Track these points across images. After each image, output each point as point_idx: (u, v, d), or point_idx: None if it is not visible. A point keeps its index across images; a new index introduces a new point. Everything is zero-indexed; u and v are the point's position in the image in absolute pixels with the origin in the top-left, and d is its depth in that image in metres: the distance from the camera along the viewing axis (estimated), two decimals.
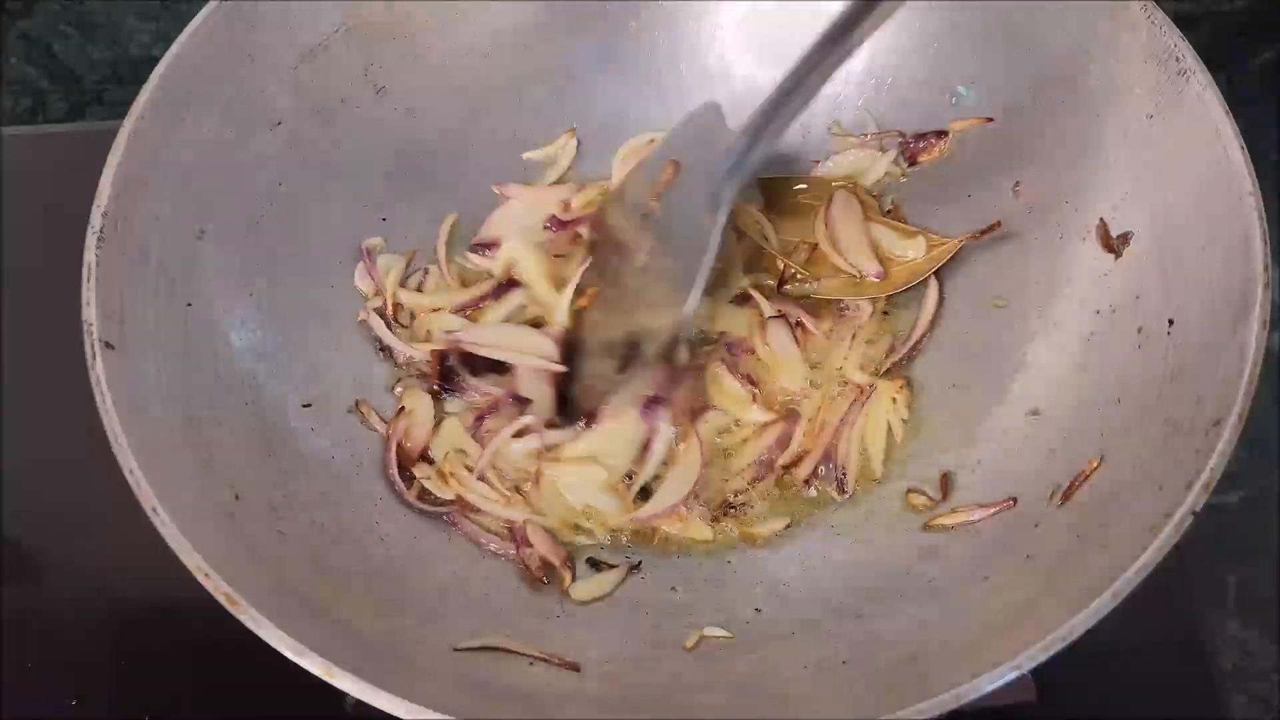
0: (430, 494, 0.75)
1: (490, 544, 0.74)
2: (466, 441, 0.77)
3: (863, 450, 0.77)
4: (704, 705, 0.63)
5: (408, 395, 0.79)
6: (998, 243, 0.81)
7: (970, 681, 0.52)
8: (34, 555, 0.86)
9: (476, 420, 0.78)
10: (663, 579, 0.74)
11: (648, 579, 0.74)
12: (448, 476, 0.75)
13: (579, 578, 0.73)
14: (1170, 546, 0.54)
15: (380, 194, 0.84)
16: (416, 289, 0.84)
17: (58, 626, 0.82)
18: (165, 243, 0.68)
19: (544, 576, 0.72)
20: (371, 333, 0.81)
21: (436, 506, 0.75)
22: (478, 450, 0.77)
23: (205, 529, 0.58)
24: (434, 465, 0.77)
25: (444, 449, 0.77)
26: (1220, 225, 0.64)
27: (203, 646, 0.78)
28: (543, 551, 0.73)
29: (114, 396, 0.59)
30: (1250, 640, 1.04)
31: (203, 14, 0.72)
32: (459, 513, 0.75)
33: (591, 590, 0.72)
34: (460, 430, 0.78)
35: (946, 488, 0.74)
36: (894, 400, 0.78)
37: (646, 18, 0.89)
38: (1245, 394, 0.57)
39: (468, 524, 0.75)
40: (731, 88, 0.90)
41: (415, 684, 0.54)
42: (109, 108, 1.19)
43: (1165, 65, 0.69)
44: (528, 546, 0.73)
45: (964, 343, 0.80)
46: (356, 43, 0.81)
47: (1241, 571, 1.06)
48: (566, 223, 0.86)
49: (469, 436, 0.77)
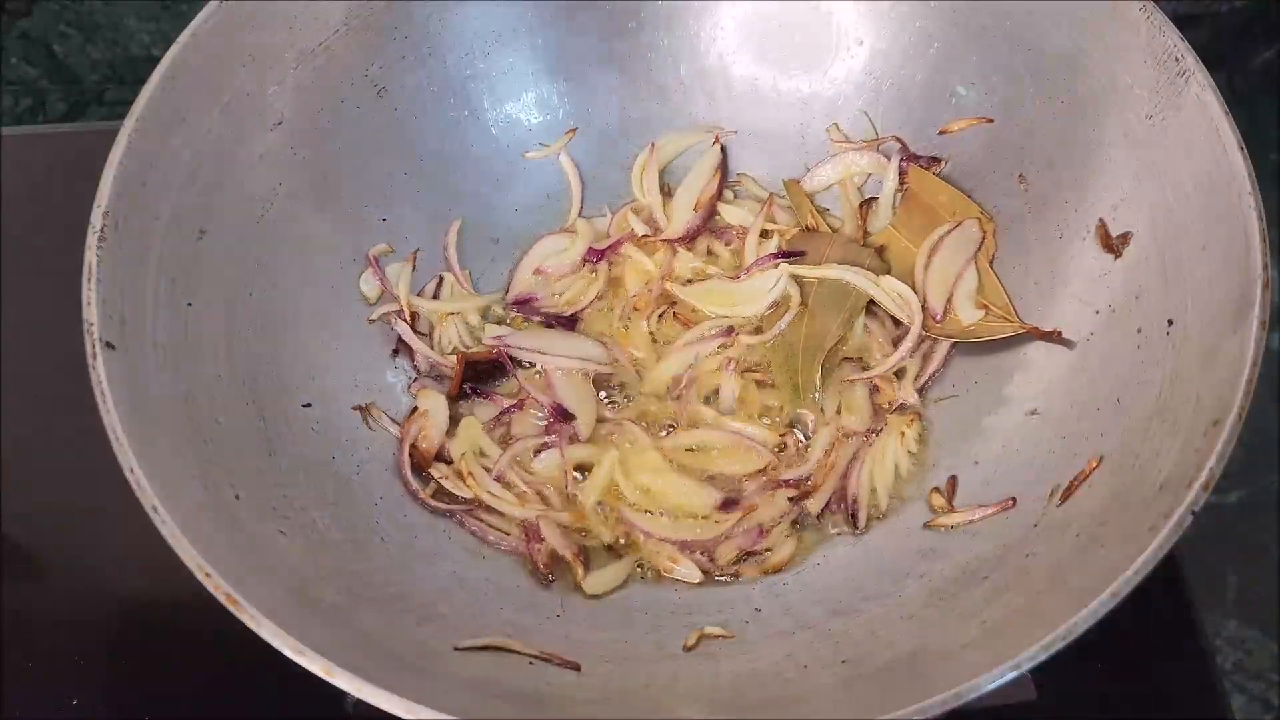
0: (446, 493, 0.76)
1: (501, 541, 0.75)
2: (485, 441, 0.78)
3: (872, 488, 0.76)
4: (704, 705, 0.63)
5: (422, 396, 0.79)
6: (998, 243, 0.81)
7: (970, 681, 0.52)
8: (34, 555, 0.86)
9: (497, 419, 0.80)
10: (663, 579, 0.74)
11: (649, 579, 0.74)
12: (465, 476, 0.76)
13: (592, 570, 0.73)
14: (1170, 546, 0.54)
15: (380, 194, 0.84)
16: (433, 295, 0.85)
17: (58, 626, 0.82)
18: (165, 243, 0.68)
19: (551, 573, 0.73)
20: (384, 335, 0.82)
21: (452, 505, 0.76)
22: (496, 451, 0.78)
23: (205, 529, 0.58)
24: (450, 465, 0.78)
25: (462, 448, 0.78)
26: (1220, 225, 0.64)
27: (203, 646, 0.78)
28: (555, 545, 0.73)
29: (114, 396, 0.59)
30: (1250, 640, 1.04)
31: (203, 14, 0.72)
32: (471, 511, 0.76)
33: (605, 582, 0.73)
34: (478, 429, 0.79)
35: (953, 491, 0.74)
36: (903, 434, 0.77)
37: (646, 17, 0.89)
38: (1245, 394, 0.57)
39: (475, 521, 0.75)
40: (731, 88, 0.91)
41: (415, 684, 0.54)
42: (109, 108, 1.19)
43: (1165, 65, 0.69)
44: (539, 542, 0.73)
45: (964, 343, 0.80)
46: (356, 43, 0.81)
47: (1241, 571, 1.06)
48: (603, 251, 0.87)
49: (487, 436, 0.79)
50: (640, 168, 0.90)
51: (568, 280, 0.87)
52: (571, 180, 0.90)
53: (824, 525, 0.76)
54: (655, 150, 0.90)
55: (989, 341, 0.78)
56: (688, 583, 0.74)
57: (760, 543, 0.75)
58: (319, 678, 0.53)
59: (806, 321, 0.82)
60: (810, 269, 0.83)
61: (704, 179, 0.89)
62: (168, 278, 0.68)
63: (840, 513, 0.76)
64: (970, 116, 0.83)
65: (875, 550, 0.74)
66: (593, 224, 0.90)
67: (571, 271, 0.87)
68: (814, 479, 0.77)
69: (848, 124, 0.89)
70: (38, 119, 1.19)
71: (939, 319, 0.80)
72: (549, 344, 0.82)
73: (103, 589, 0.84)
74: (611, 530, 0.76)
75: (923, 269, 0.81)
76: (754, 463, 0.78)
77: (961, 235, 0.82)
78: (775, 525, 0.75)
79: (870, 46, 0.87)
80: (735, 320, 0.83)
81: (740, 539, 0.74)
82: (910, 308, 0.80)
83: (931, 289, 0.81)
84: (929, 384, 0.81)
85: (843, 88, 0.88)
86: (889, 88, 0.87)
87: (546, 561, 0.73)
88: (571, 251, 0.87)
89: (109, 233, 0.64)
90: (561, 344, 0.82)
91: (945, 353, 0.81)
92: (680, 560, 0.74)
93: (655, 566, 0.74)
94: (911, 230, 0.84)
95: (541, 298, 0.86)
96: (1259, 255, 0.61)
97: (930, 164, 0.85)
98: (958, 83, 0.84)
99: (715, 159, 0.90)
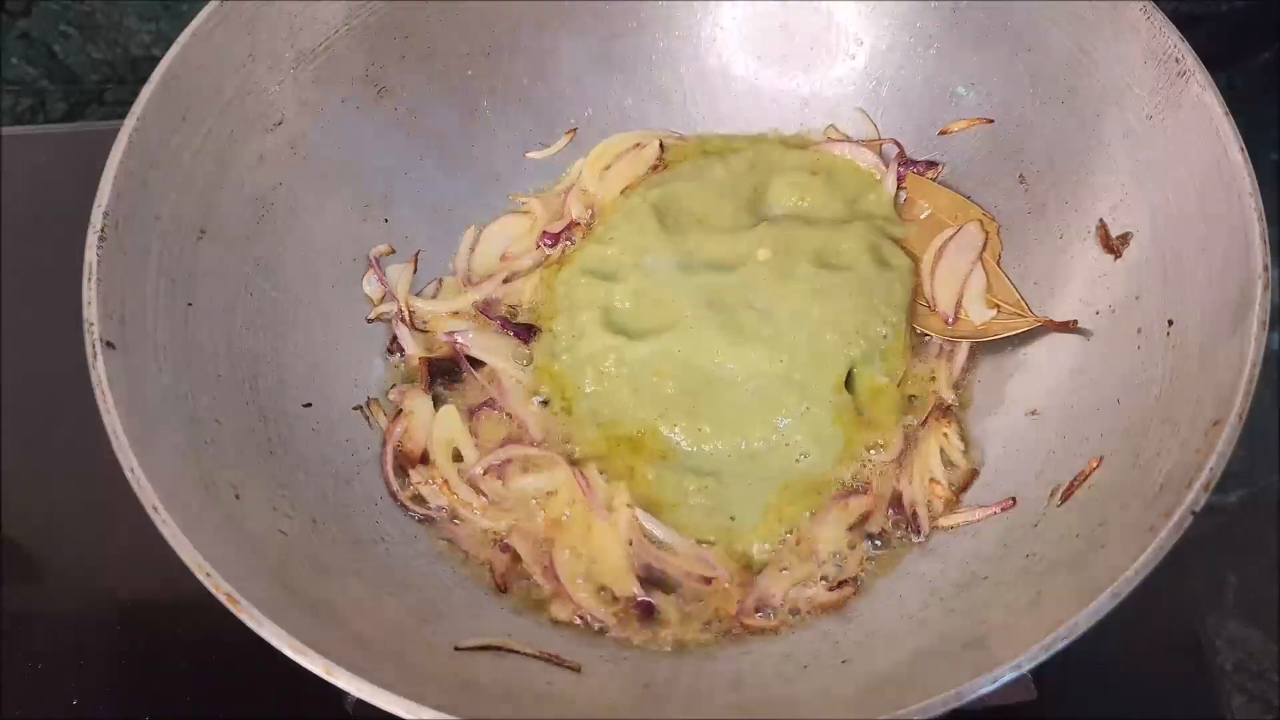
0: (423, 499, 0.75)
1: (467, 546, 0.73)
2: (462, 436, 0.77)
3: (927, 498, 0.73)
4: (704, 705, 0.63)
5: (408, 397, 0.79)
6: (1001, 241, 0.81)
7: (970, 681, 0.52)
8: (34, 555, 0.86)
9: (470, 414, 0.79)
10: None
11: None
12: (441, 483, 0.75)
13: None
14: (1170, 546, 0.54)
15: (380, 194, 0.84)
16: (433, 297, 0.85)
17: (58, 626, 0.82)
18: (165, 243, 0.68)
19: (504, 584, 0.71)
20: (385, 335, 0.82)
21: (427, 510, 0.74)
22: (472, 452, 0.76)
23: (205, 529, 0.58)
24: (431, 467, 0.76)
25: (441, 440, 0.77)
26: (1220, 225, 0.64)
27: (203, 646, 0.78)
28: (526, 559, 0.71)
29: (114, 396, 0.59)
30: (1250, 640, 1.04)
31: (203, 14, 0.72)
32: (447, 517, 0.74)
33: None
34: (457, 418, 0.78)
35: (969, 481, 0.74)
36: (945, 436, 0.75)
37: (646, 18, 0.89)
38: (1245, 394, 0.57)
39: (450, 527, 0.74)
40: (731, 88, 0.91)
41: (415, 684, 0.54)
42: (109, 108, 1.19)
43: (1165, 65, 0.69)
44: (503, 552, 0.72)
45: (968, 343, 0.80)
46: (356, 43, 0.81)
47: (1241, 571, 1.05)
48: (557, 235, 0.86)
49: (465, 428, 0.77)
50: (603, 150, 0.89)
51: (520, 284, 0.85)
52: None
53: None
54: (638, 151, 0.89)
55: (1000, 340, 0.78)
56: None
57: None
58: (319, 678, 0.53)
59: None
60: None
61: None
62: (168, 278, 0.68)
63: (901, 524, 0.73)
64: (970, 117, 0.83)
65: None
66: (546, 201, 0.89)
67: (527, 254, 0.86)
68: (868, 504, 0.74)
69: (848, 125, 0.89)
70: (38, 119, 1.19)
71: (950, 322, 0.80)
72: (499, 348, 0.81)
73: (103, 589, 0.84)
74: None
75: (929, 274, 0.81)
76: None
77: (964, 238, 0.82)
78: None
79: (870, 47, 0.87)
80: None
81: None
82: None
83: (940, 293, 0.81)
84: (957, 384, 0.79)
85: (843, 88, 0.88)
86: (889, 88, 0.87)
87: (501, 574, 0.72)
88: (529, 238, 0.87)
89: (109, 233, 0.64)
90: (508, 350, 0.81)
91: (967, 353, 0.80)
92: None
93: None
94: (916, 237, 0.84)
95: (500, 299, 0.85)
96: (1259, 255, 0.61)
97: (927, 168, 0.85)
98: (958, 83, 0.84)
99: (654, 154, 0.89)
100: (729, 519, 0.73)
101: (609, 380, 0.78)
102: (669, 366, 0.78)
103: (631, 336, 0.79)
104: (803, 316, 0.78)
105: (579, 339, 0.80)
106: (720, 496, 0.74)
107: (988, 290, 0.80)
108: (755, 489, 0.74)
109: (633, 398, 0.77)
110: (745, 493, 0.74)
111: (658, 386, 0.77)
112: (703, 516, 0.73)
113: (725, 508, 0.73)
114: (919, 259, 0.83)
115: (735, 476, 0.74)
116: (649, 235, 0.83)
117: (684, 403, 0.76)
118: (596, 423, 0.77)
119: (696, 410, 0.76)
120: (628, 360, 0.78)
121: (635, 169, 0.89)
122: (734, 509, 0.73)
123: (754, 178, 0.87)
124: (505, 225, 0.87)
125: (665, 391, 0.77)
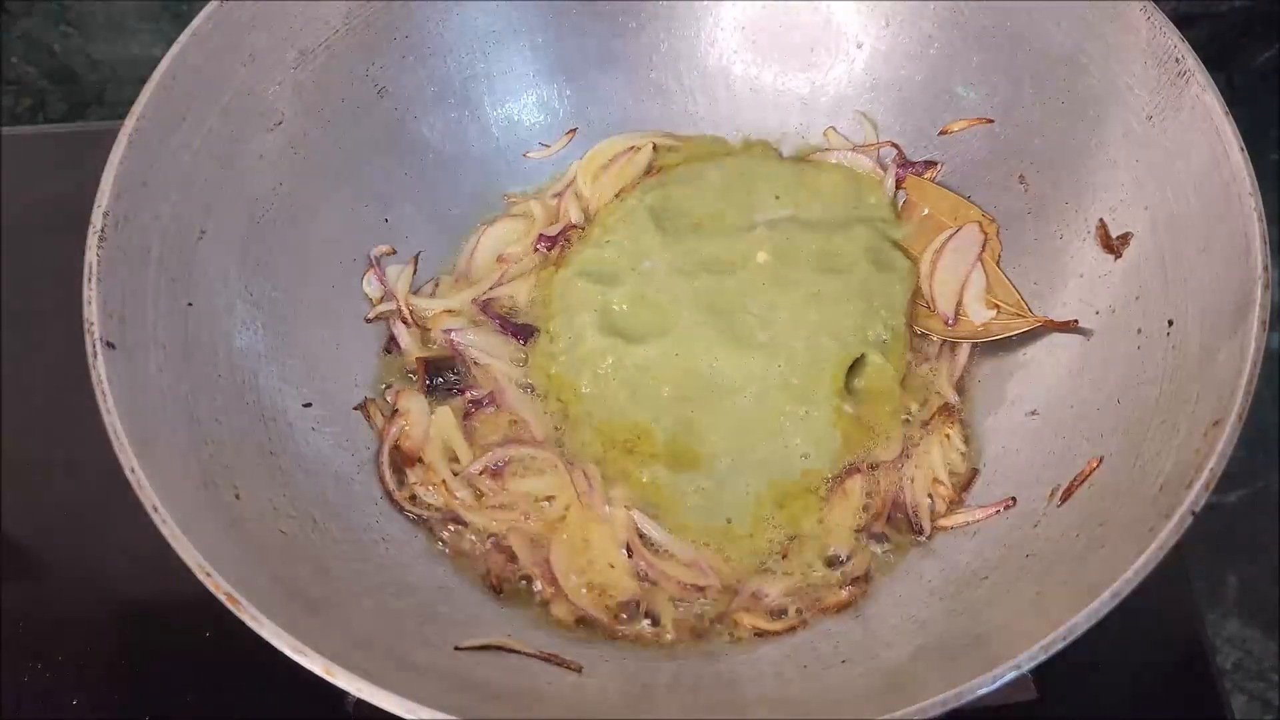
0: (419, 499, 0.75)
1: (465, 546, 0.73)
2: (458, 438, 0.77)
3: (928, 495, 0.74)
4: (704, 705, 0.63)
5: (403, 397, 0.78)
6: (1001, 242, 0.81)
7: (970, 681, 0.52)
8: (34, 555, 0.86)
9: (467, 414, 0.78)
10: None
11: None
12: (439, 484, 0.75)
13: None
14: (1170, 546, 0.54)
15: (380, 194, 0.84)
16: (430, 296, 0.85)
17: (58, 626, 0.82)
18: (165, 243, 0.69)
19: (501, 585, 0.71)
20: (385, 335, 0.82)
21: (423, 511, 0.74)
22: (468, 454, 0.76)
23: (205, 529, 0.58)
24: (428, 468, 0.76)
25: (437, 440, 0.76)
26: (1220, 225, 0.64)
27: (203, 646, 0.78)
28: (524, 561, 0.71)
29: (114, 396, 0.59)
30: (1250, 640, 1.04)
31: (203, 14, 0.72)
32: (445, 517, 0.74)
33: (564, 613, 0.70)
34: (453, 419, 0.77)
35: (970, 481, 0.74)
36: (947, 437, 0.76)
37: (646, 18, 0.89)
38: (1245, 394, 0.57)
39: (448, 527, 0.74)
40: (732, 88, 0.91)
41: (415, 684, 0.54)
42: (109, 108, 1.19)
43: (1165, 66, 0.69)
44: (500, 552, 0.72)
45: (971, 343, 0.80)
46: (356, 43, 0.81)
47: (1241, 571, 1.06)
48: (554, 238, 0.86)
49: (460, 430, 0.77)
50: (597, 153, 0.89)
51: (517, 285, 0.85)
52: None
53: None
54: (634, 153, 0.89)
55: (1000, 340, 0.78)
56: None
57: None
58: (319, 678, 0.53)
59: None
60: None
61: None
62: (168, 278, 0.68)
63: (904, 525, 0.73)
64: (970, 117, 0.83)
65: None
66: (544, 204, 0.89)
67: (525, 257, 0.86)
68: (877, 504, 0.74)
69: (847, 125, 0.89)
70: (38, 119, 1.19)
71: (950, 323, 0.80)
72: (496, 347, 0.81)
73: (103, 589, 0.84)
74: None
75: (929, 276, 0.81)
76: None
77: (964, 239, 0.82)
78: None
79: (870, 47, 0.87)
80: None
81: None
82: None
83: (940, 294, 0.81)
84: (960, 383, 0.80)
85: (843, 88, 0.88)
86: (889, 88, 0.87)
87: (496, 575, 0.72)
88: (527, 240, 0.87)
89: (109, 233, 0.64)
90: (505, 351, 0.81)
91: (967, 354, 0.80)
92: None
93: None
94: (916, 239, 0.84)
95: (499, 298, 0.84)
96: (1259, 255, 0.61)
97: (926, 168, 0.85)
98: (958, 83, 0.84)
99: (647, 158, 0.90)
100: (725, 521, 0.73)
101: (606, 382, 0.78)
102: (666, 370, 0.77)
103: (629, 339, 0.79)
104: (801, 321, 0.78)
105: (576, 341, 0.80)
106: (717, 499, 0.74)
107: (987, 290, 0.80)
108: (752, 491, 0.74)
109: (630, 400, 0.77)
110: (742, 495, 0.74)
111: (655, 389, 0.77)
112: (700, 519, 0.73)
113: (722, 510, 0.73)
114: (918, 260, 0.83)
115: (732, 479, 0.74)
116: (647, 238, 0.83)
117: (681, 406, 0.76)
118: (593, 424, 0.77)
119: (694, 413, 0.76)
120: (625, 363, 0.78)
121: (630, 173, 0.89)
122: (731, 511, 0.73)
123: (748, 183, 0.87)
124: (503, 228, 0.87)
125: (662, 394, 0.77)
